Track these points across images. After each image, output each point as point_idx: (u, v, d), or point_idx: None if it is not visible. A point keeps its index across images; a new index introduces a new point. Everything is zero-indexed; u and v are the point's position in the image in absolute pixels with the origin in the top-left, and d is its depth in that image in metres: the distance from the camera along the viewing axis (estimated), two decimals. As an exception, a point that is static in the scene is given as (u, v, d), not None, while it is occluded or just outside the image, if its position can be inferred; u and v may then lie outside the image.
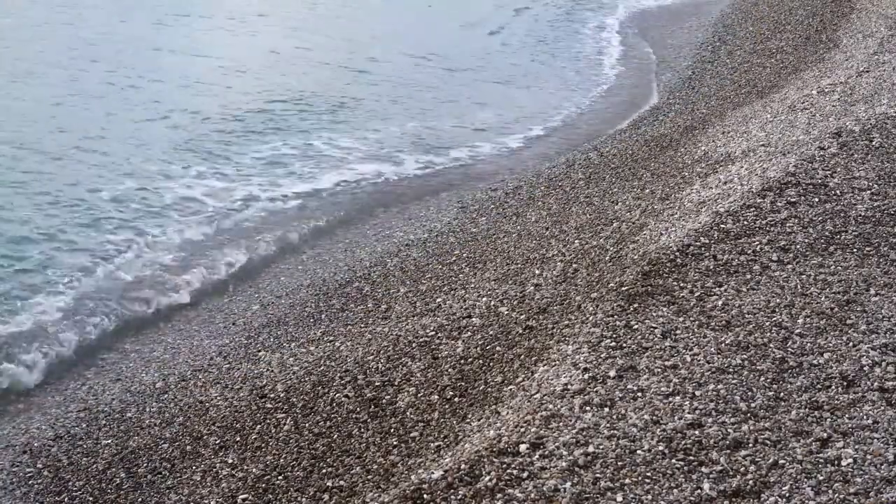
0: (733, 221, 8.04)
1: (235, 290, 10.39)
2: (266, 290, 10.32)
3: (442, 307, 8.62)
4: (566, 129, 16.17)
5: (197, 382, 8.27)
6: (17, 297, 9.56)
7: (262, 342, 8.92)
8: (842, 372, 5.96)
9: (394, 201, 12.94)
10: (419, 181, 13.71)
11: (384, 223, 12.17)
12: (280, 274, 10.79)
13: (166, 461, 7.19)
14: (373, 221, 12.29)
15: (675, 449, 5.24)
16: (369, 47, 20.35)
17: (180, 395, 8.09)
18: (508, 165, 14.31)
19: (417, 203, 12.84)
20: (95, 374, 8.77)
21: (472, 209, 11.98)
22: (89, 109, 15.36)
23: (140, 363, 8.90)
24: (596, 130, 15.80)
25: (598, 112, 17.07)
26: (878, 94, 11.71)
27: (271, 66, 18.64)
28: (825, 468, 5.11)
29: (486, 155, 14.78)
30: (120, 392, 8.30)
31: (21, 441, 7.67)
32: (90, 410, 8.03)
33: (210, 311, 9.99)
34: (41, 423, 7.91)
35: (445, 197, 13.01)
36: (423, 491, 5.12)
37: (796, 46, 17.56)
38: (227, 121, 15.35)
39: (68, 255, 10.63)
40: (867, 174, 8.98)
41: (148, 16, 21.70)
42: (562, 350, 6.48)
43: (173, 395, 8.10)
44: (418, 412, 6.81)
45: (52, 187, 12.28)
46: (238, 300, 10.19)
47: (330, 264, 10.80)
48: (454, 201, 12.63)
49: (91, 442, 7.56)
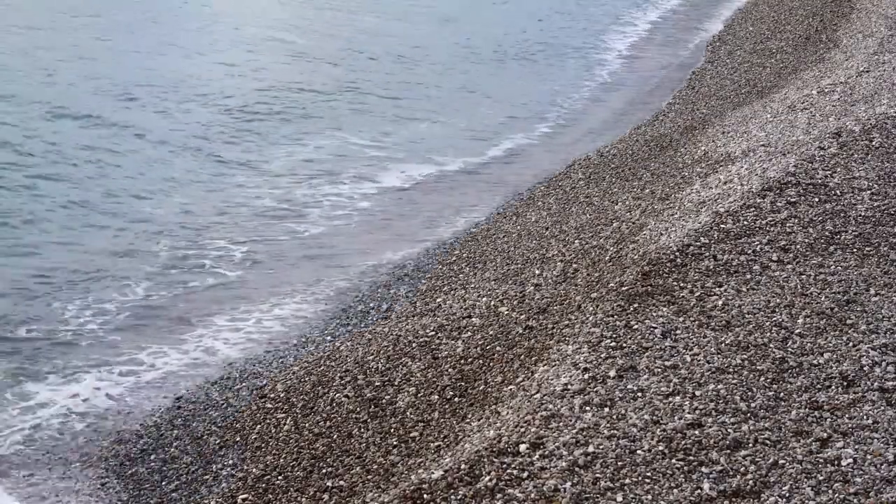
0: (733, 221, 8.04)
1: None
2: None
3: (442, 307, 8.62)
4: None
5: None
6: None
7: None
8: (842, 372, 5.96)
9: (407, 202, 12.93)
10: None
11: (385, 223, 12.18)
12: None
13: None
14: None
15: (675, 449, 5.23)
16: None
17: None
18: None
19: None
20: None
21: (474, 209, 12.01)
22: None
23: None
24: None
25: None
26: (878, 94, 11.71)
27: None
28: (825, 468, 5.11)
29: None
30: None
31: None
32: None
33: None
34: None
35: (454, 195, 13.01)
36: (423, 491, 5.12)
37: (796, 46, 17.56)
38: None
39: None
40: (867, 174, 8.98)
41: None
42: (562, 350, 6.47)
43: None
44: (418, 412, 6.80)
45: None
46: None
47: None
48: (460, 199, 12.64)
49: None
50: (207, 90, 16.81)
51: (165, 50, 19.28)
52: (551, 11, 25.30)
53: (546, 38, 22.30)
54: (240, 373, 8.31)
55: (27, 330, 9.08)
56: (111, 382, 8.43)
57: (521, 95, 17.79)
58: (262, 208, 12.31)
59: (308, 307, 9.70)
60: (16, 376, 8.38)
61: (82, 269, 10.29)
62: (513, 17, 24.45)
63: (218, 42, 20.29)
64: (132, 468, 7.19)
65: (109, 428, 7.76)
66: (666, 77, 18.91)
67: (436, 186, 13.35)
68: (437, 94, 17.68)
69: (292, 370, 8.05)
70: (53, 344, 8.91)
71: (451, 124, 16.00)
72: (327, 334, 8.80)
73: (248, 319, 9.56)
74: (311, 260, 10.92)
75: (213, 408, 7.78)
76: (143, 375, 8.57)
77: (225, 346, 9.03)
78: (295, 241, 11.47)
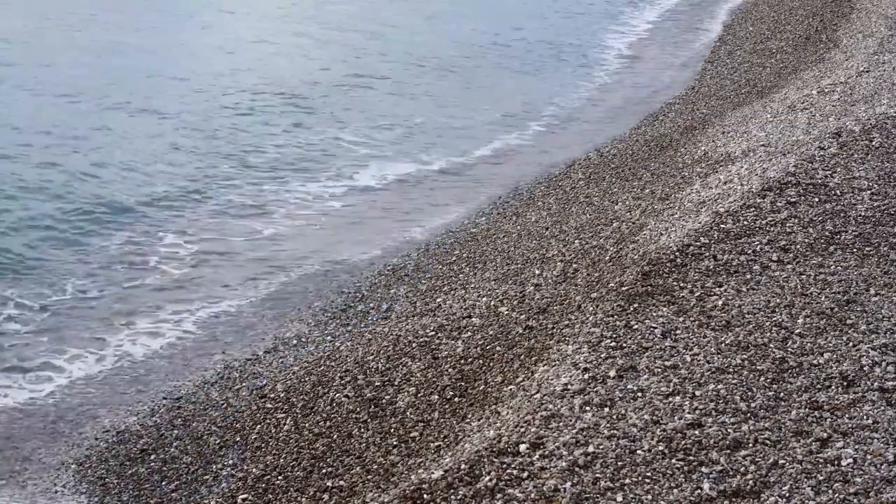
0: (733, 221, 8.04)
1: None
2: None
3: (442, 307, 8.62)
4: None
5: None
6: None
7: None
8: (842, 372, 5.97)
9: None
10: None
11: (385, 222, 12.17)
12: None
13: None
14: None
15: (675, 449, 5.24)
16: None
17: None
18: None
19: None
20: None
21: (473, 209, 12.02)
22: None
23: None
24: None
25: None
26: (878, 94, 11.71)
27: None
28: (825, 468, 5.11)
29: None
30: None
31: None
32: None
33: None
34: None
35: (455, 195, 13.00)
36: (423, 491, 5.12)
37: (796, 46, 17.57)
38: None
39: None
40: (867, 174, 8.98)
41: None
42: (562, 350, 6.48)
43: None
44: (418, 412, 6.80)
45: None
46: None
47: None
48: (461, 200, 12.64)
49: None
50: (198, 81, 16.73)
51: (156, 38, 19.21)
52: (550, 11, 25.30)
53: (546, 37, 22.28)
54: (240, 373, 8.32)
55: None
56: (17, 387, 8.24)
57: (518, 94, 17.74)
58: (226, 204, 12.12)
59: (243, 308, 9.63)
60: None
61: (13, 258, 10.08)
62: (512, 17, 24.45)
63: (214, 32, 20.23)
64: (132, 468, 7.19)
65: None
66: (666, 77, 18.90)
67: (413, 185, 13.28)
68: (435, 91, 17.63)
69: (292, 370, 8.05)
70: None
71: (442, 122, 15.91)
72: (327, 334, 8.81)
73: (176, 321, 9.32)
74: (260, 262, 10.69)
75: (213, 408, 7.79)
76: (57, 380, 8.37)
77: (144, 351, 8.84)
78: (251, 240, 11.27)
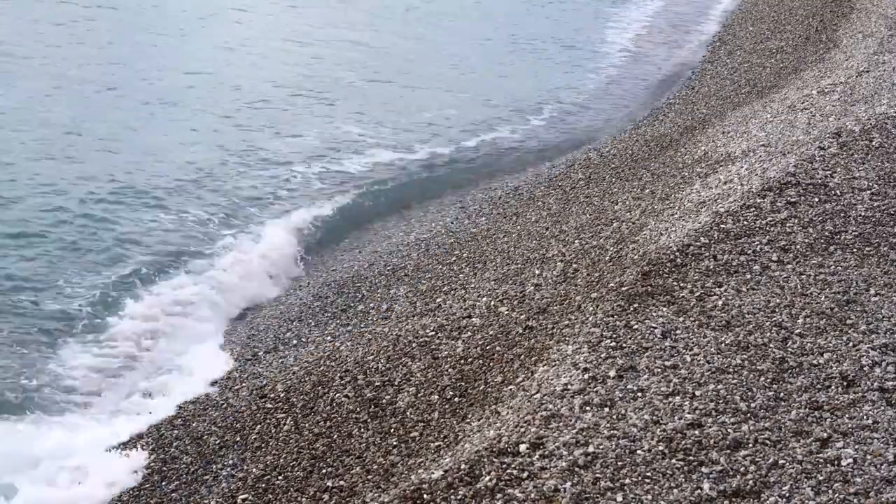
0: (733, 221, 8.04)
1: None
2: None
3: (442, 307, 8.62)
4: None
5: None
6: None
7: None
8: (842, 372, 5.97)
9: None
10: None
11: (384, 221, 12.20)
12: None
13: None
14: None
15: (675, 449, 5.24)
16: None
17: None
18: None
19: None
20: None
21: (472, 209, 12.00)
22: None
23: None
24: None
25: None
26: (878, 94, 11.70)
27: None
28: (825, 468, 5.11)
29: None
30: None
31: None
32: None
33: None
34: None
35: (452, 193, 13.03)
36: (423, 491, 5.12)
37: (796, 46, 17.56)
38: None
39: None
40: (867, 174, 8.98)
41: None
42: (562, 350, 6.48)
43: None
44: (418, 412, 6.80)
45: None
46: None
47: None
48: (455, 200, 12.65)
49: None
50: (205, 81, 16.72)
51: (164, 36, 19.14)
52: (550, 9, 25.29)
53: (545, 36, 22.27)
54: (240, 373, 8.32)
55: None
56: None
57: (518, 90, 17.72)
58: (226, 203, 12.02)
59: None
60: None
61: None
62: (513, 16, 24.45)
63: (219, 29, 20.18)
64: (132, 468, 7.20)
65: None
66: (665, 76, 18.90)
67: (413, 185, 13.33)
68: (435, 85, 17.61)
69: (292, 370, 8.05)
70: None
71: (443, 122, 15.88)
72: (327, 334, 8.80)
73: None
74: (260, 261, 10.72)
75: (213, 408, 7.79)
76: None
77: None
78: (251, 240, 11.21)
